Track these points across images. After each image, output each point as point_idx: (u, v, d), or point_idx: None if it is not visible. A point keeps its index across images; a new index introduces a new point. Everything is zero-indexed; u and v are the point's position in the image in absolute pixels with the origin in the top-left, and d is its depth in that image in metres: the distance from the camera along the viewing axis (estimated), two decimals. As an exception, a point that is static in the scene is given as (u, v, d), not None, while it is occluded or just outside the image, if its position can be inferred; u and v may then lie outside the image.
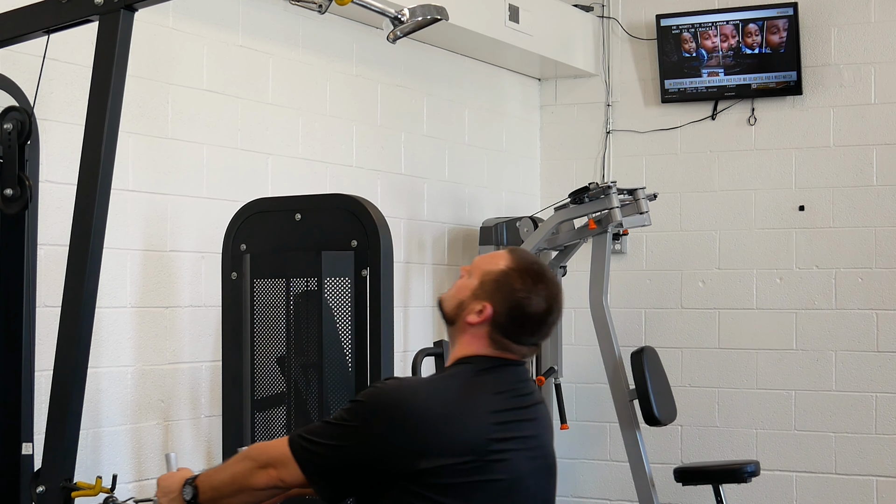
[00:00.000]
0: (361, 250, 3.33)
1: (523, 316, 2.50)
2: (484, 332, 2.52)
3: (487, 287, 2.51)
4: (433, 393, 2.46)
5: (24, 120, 3.09)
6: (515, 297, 2.50)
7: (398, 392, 2.45)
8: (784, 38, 5.66)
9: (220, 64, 4.40)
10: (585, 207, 5.10)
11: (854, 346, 5.65)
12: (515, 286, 2.50)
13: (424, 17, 3.06)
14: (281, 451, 2.47)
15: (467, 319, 2.52)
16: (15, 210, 3.12)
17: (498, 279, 2.51)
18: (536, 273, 2.53)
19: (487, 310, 2.49)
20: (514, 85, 6.16)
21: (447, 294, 2.61)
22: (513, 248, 2.62)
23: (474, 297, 2.52)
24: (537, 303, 2.50)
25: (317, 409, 3.39)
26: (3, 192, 3.09)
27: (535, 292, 2.50)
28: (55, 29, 2.99)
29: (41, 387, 3.41)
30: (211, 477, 2.58)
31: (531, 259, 2.59)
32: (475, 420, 2.43)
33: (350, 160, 5.01)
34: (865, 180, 5.64)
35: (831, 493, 5.67)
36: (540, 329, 2.54)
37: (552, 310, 2.53)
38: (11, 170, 3.09)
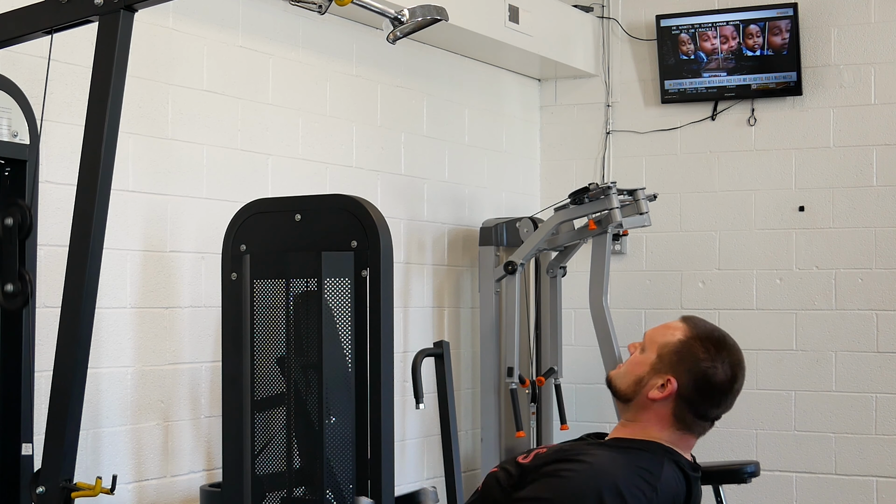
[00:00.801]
0: (361, 251, 3.33)
1: (709, 386, 2.40)
2: (668, 408, 2.41)
3: (668, 360, 2.41)
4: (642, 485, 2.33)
5: (24, 215, 3.09)
6: (700, 368, 2.40)
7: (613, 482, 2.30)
8: (787, 39, 5.66)
9: (220, 64, 4.40)
10: (585, 208, 5.11)
11: (854, 346, 5.65)
12: (699, 356, 2.40)
13: (424, 18, 3.06)
14: None
15: (649, 395, 2.40)
16: (16, 306, 3.11)
17: (679, 350, 2.41)
18: (718, 340, 2.45)
19: (672, 384, 2.39)
20: (514, 85, 6.16)
21: (620, 371, 2.48)
22: (687, 317, 2.50)
23: (655, 371, 2.41)
24: (723, 371, 2.42)
25: (317, 409, 3.39)
26: (4, 289, 3.09)
27: (719, 360, 2.43)
28: (55, 29, 2.99)
29: (41, 387, 3.41)
30: None
31: (710, 326, 2.49)
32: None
33: (350, 160, 5.01)
34: (865, 181, 5.64)
35: (831, 493, 5.66)
36: (726, 399, 2.44)
37: (737, 377, 2.45)
38: (12, 265, 3.08)
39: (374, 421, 3.26)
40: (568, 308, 5.89)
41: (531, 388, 5.46)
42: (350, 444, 3.30)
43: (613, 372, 2.49)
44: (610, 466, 2.35)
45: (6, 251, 3.08)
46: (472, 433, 5.75)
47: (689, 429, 2.43)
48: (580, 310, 5.80)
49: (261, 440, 3.51)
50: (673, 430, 2.41)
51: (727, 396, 2.44)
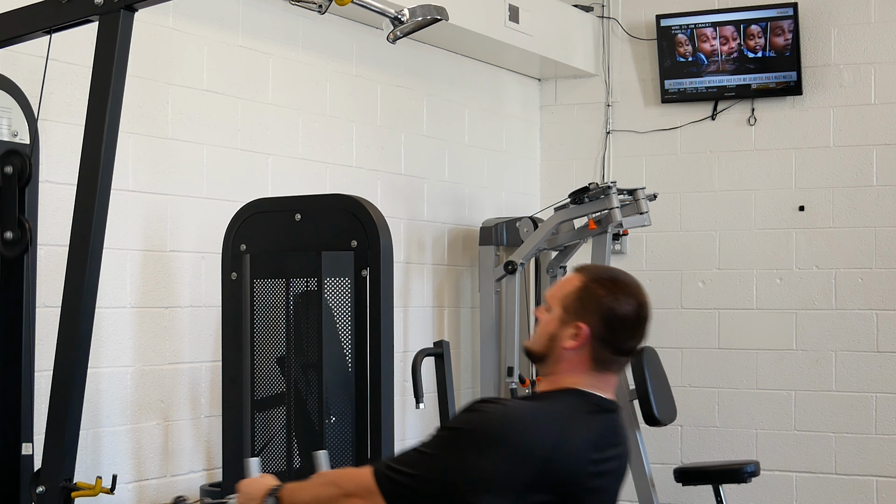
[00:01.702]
0: (361, 250, 3.33)
1: (618, 320, 2.44)
2: (585, 353, 2.44)
3: (573, 308, 2.45)
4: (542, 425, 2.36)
5: (24, 163, 3.09)
6: (604, 305, 2.43)
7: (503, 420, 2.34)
8: (790, 39, 5.66)
9: (220, 64, 4.40)
10: (585, 207, 5.10)
11: (854, 346, 5.65)
12: (599, 294, 2.44)
13: (424, 18, 3.06)
14: (366, 480, 2.38)
15: (564, 346, 2.44)
16: (15, 253, 3.12)
17: (580, 296, 2.45)
18: (613, 277, 2.49)
19: (583, 329, 2.42)
20: (514, 85, 6.16)
21: (533, 337, 2.53)
22: (579, 266, 2.55)
23: (563, 323, 2.45)
24: (626, 302, 2.45)
25: (317, 409, 3.39)
26: (3, 236, 3.09)
27: (620, 294, 2.45)
28: (55, 29, 2.99)
29: (41, 387, 3.41)
30: (294, 493, 2.52)
31: (602, 267, 2.55)
32: (577, 462, 2.37)
33: (350, 160, 5.01)
34: (865, 180, 5.64)
35: (831, 493, 5.67)
36: (637, 328, 2.48)
37: (642, 305, 2.48)
38: (11, 213, 3.08)
39: (374, 421, 3.27)
40: (568, 308, 5.87)
41: (531, 388, 5.46)
42: (350, 444, 3.30)
43: (528, 341, 2.57)
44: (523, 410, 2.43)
45: (6, 199, 3.09)
46: (472, 433, 5.74)
47: (607, 368, 2.49)
48: (580, 309, 5.80)
49: (261, 440, 3.51)
50: (591, 373, 2.47)
51: (638, 326, 2.49)
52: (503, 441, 2.31)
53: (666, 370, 5.28)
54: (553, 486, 2.32)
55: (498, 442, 2.31)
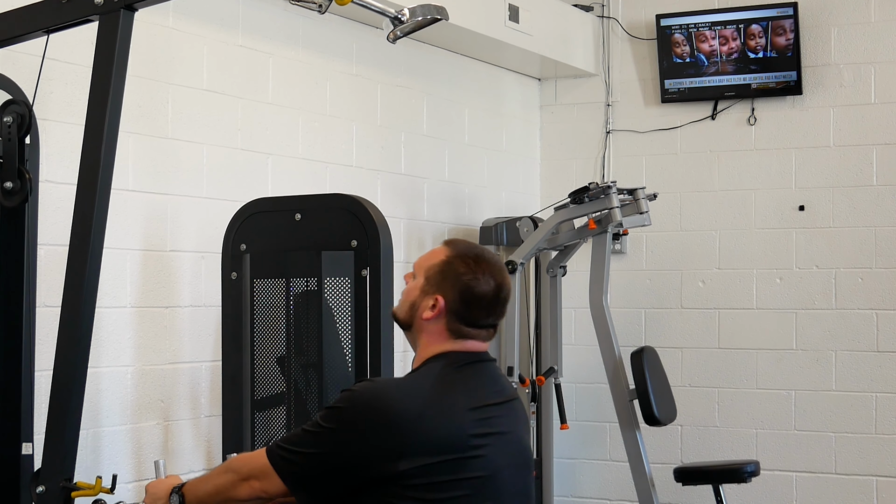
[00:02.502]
0: (361, 250, 3.33)
1: (474, 297, 2.55)
2: (441, 324, 2.56)
3: (434, 280, 2.57)
4: (409, 393, 2.47)
5: (24, 113, 3.09)
6: (462, 282, 2.55)
7: (373, 394, 2.46)
8: (791, 39, 5.65)
9: (220, 64, 4.40)
10: (585, 207, 5.10)
11: (854, 346, 5.65)
12: (460, 271, 2.55)
13: (424, 17, 3.06)
14: (261, 462, 2.49)
15: (423, 316, 2.57)
16: (15, 203, 3.12)
17: (442, 269, 2.57)
18: (477, 256, 2.59)
19: (440, 302, 2.54)
20: (514, 85, 6.16)
21: (398, 303, 2.66)
22: (448, 240, 2.67)
23: (424, 293, 2.58)
24: (485, 282, 2.55)
25: (317, 409, 3.39)
26: (3, 185, 3.10)
27: (479, 272, 2.55)
28: (55, 29, 2.99)
29: (41, 387, 3.41)
30: (196, 487, 2.62)
31: (469, 245, 2.64)
32: (452, 418, 2.46)
33: (350, 160, 5.01)
34: (865, 180, 5.64)
35: (831, 493, 5.67)
36: (494, 308, 2.58)
37: (501, 286, 2.58)
38: (11, 163, 3.09)
39: (374, 420, 3.26)
40: (568, 308, 5.89)
41: (531, 388, 5.46)
42: (350, 444, 3.30)
43: (395, 307, 2.70)
44: (389, 382, 2.59)
45: (6, 148, 3.10)
46: (472, 433, 5.74)
47: (466, 337, 2.58)
48: (580, 309, 5.80)
49: (261, 439, 3.51)
50: (452, 341, 2.57)
51: (494, 305, 2.59)
52: (371, 412, 2.41)
53: (666, 370, 5.28)
54: (429, 450, 2.41)
55: (367, 414, 2.42)
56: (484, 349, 2.62)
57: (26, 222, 3.28)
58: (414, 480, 2.40)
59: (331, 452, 2.42)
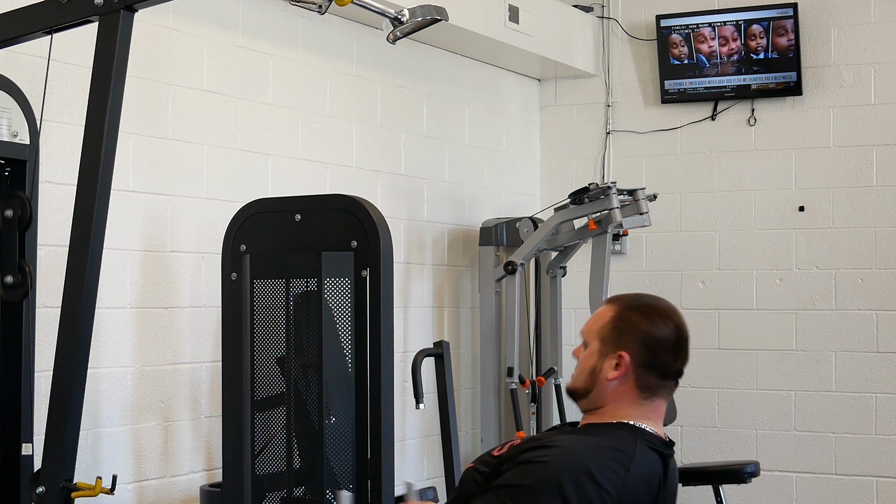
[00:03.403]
0: (361, 251, 3.33)
1: (659, 343, 2.43)
2: (629, 382, 2.43)
3: (610, 339, 2.44)
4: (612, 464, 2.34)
5: (25, 206, 3.09)
6: (642, 330, 2.43)
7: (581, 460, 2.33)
8: (792, 40, 5.65)
9: (220, 64, 4.40)
10: (585, 208, 5.10)
11: (854, 346, 5.65)
12: (636, 320, 2.43)
13: (424, 18, 3.06)
14: None
15: (608, 377, 2.43)
16: (16, 298, 3.11)
17: (616, 325, 2.44)
18: (648, 303, 2.48)
19: (625, 357, 2.41)
20: (513, 85, 6.16)
21: (573, 376, 2.51)
22: (611, 297, 2.54)
23: (603, 356, 2.44)
24: (664, 325, 2.44)
25: (317, 409, 3.39)
26: (4, 280, 3.08)
27: (657, 318, 2.45)
28: (55, 29, 2.99)
29: (41, 387, 3.41)
30: None
31: (633, 295, 2.53)
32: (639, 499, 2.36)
33: (350, 160, 5.01)
34: (865, 180, 5.64)
35: (831, 493, 5.66)
36: (679, 351, 2.47)
37: (680, 326, 2.47)
38: (12, 257, 3.08)
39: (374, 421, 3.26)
40: (568, 308, 5.89)
41: (531, 388, 5.46)
42: (350, 444, 3.30)
43: (569, 382, 2.53)
44: (582, 450, 2.39)
45: (6, 243, 3.09)
46: (472, 433, 5.75)
47: (655, 394, 2.45)
48: (580, 310, 5.80)
49: (261, 440, 3.51)
50: (640, 402, 2.44)
51: (680, 347, 2.48)
52: (574, 484, 2.28)
53: (666, 370, 5.27)
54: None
55: (568, 486, 2.28)
56: (663, 415, 2.49)
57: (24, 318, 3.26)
58: None
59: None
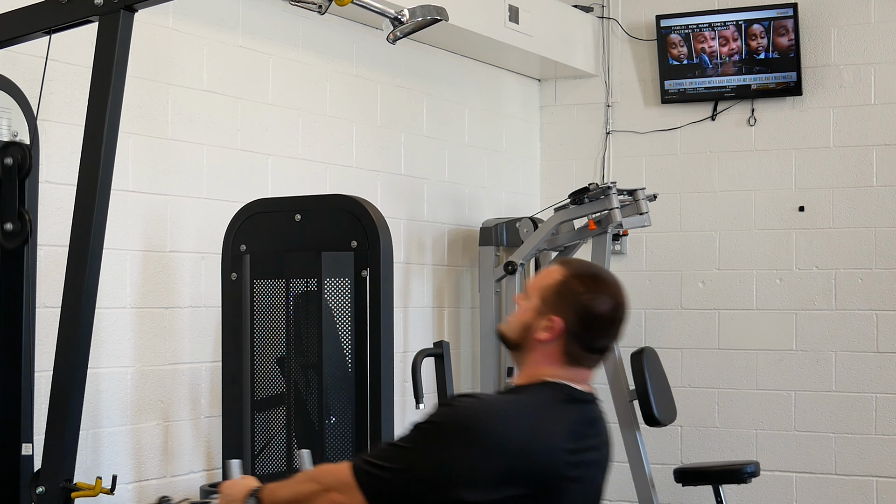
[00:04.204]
0: (361, 251, 3.33)
1: (593, 318, 2.45)
2: (557, 346, 2.45)
3: (550, 301, 2.46)
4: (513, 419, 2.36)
5: (24, 155, 3.09)
6: (581, 302, 2.44)
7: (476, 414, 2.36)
8: (793, 40, 5.65)
9: (220, 64, 4.40)
10: (585, 208, 5.11)
11: (854, 346, 5.65)
12: (578, 290, 2.45)
13: (424, 18, 3.06)
14: (344, 475, 2.39)
15: (538, 337, 2.46)
16: (15, 245, 3.11)
17: (559, 290, 2.46)
18: (595, 275, 2.50)
19: (557, 322, 2.44)
20: (513, 85, 6.16)
21: (508, 323, 2.54)
22: (563, 259, 2.57)
23: (539, 314, 2.46)
24: (604, 301, 2.46)
25: (317, 409, 3.39)
26: (3, 227, 3.09)
27: (598, 292, 2.46)
28: (55, 29, 2.99)
29: (41, 387, 3.41)
30: (274, 492, 2.54)
31: (585, 264, 2.56)
32: (552, 454, 2.37)
33: (350, 160, 5.01)
34: (865, 180, 5.64)
35: (831, 493, 5.66)
36: (611, 329, 2.49)
37: (619, 306, 2.49)
38: (11, 204, 3.08)
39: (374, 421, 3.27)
40: (568, 308, 5.88)
41: (531, 388, 5.45)
42: (350, 444, 3.30)
43: (502, 325, 2.58)
44: (496, 403, 2.48)
45: (6, 190, 3.09)
46: (472, 433, 5.74)
47: (579, 363, 2.48)
48: (580, 310, 5.80)
49: (261, 440, 3.51)
50: (565, 367, 2.47)
51: (612, 326, 2.49)
52: (476, 434, 2.32)
53: (666, 370, 5.28)
54: (528, 479, 2.33)
55: (471, 435, 2.32)
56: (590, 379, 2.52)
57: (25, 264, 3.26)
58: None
59: (420, 471, 2.33)
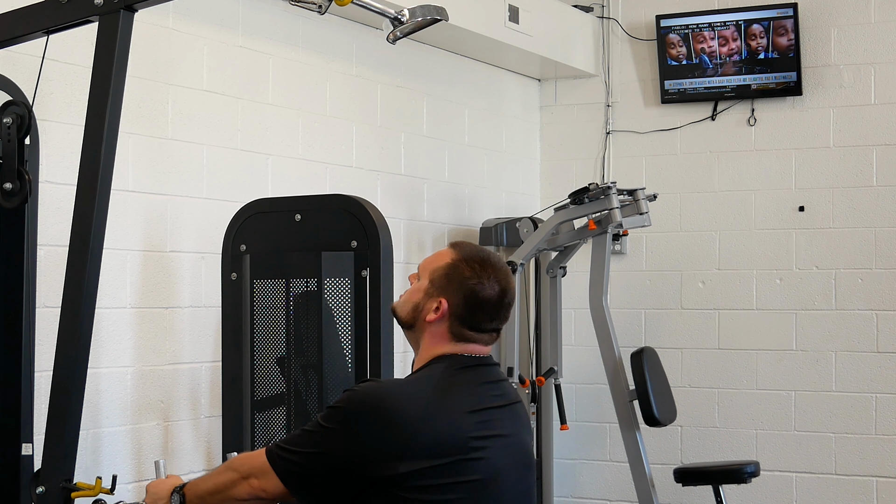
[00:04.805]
0: (361, 251, 3.33)
1: (478, 301, 2.55)
2: (444, 327, 2.56)
3: (438, 283, 2.56)
4: (410, 394, 2.47)
5: (24, 114, 3.09)
6: (467, 286, 2.54)
7: (376, 395, 2.46)
8: (792, 40, 5.65)
9: (220, 64, 4.40)
10: (585, 208, 5.10)
11: (854, 346, 5.65)
12: (465, 275, 2.55)
13: (424, 18, 3.06)
14: (260, 461, 2.49)
15: (426, 318, 2.56)
16: (14, 204, 3.12)
17: (447, 273, 2.56)
18: (483, 260, 2.59)
19: (444, 304, 2.54)
20: (513, 85, 6.16)
21: (399, 301, 2.65)
22: (455, 242, 2.66)
23: (428, 295, 2.57)
24: (489, 286, 2.55)
25: (317, 409, 3.39)
26: (3, 187, 3.10)
27: (484, 277, 2.55)
28: (55, 29, 2.99)
29: (41, 387, 3.41)
30: (197, 486, 2.62)
31: (475, 248, 2.64)
32: (453, 421, 2.45)
33: (350, 160, 5.01)
34: (865, 180, 5.64)
35: (831, 493, 5.66)
36: (497, 313, 2.58)
37: (505, 291, 2.58)
38: (11, 164, 3.09)
39: (374, 421, 3.26)
40: (568, 308, 5.89)
41: (531, 388, 5.46)
42: (350, 444, 3.30)
43: (395, 303, 2.68)
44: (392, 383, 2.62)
45: (6, 150, 3.10)
46: (472, 433, 5.74)
47: (467, 340, 2.58)
48: (580, 310, 5.80)
49: (261, 440, 3.51)
50: (455, 343, 2.57)
51: (498, 310, 2.59)
52: (372, 413, 2.41)
53: (666, 370, 5.28)
54: (436, 450, 2.41)
55: (368, 415, 2.41)
56: (486, 352, 2.62)
57: (26, 223, 3.28)
58: (413, 482, 2.39)
59: (329, 453, 2.42)
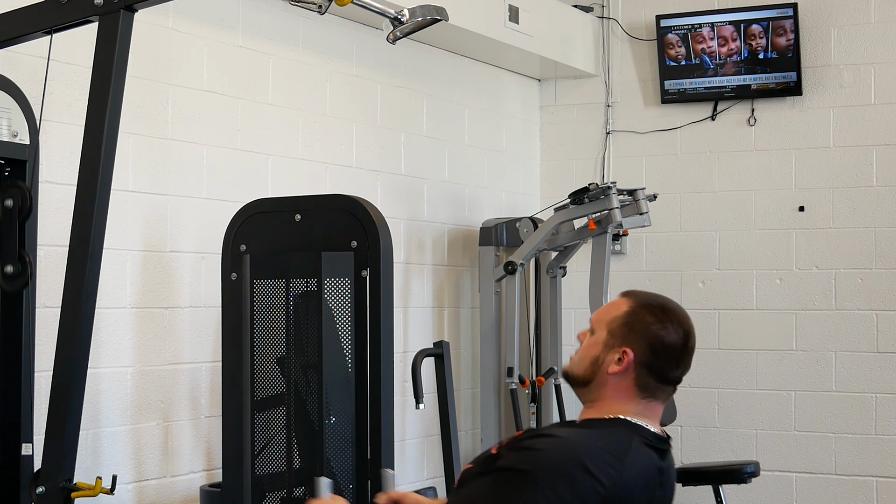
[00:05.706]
0: (361, 251, 3.33)
1: (665, 348, 2.41)
2: (629, 379, 2.43)
3: (619, 333, 2.43)
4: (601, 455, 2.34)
5: (24, 196, 3.09)
6: (651, 332, 2.41)
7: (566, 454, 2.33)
8: (791, 40, 5.65)
9: (220, 64, 4.40)
10: (585, 208, 5.11)
11: (854, 346, 5.65)
12: (647, 321, 2.42)
13: (424, 18, 3.06)
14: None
15: (608, 371, 2.43)
16: (16, 288, 3.10)
17: (627, 321, 2.43)
18: (662, 305, 2.46)
19: (628, 354, 2.41)
20: (513, 85, 6.16)
21: (573, 360, 2.51)
22: (627, 291, 2.54)
23: (608, 347, 2.44)
24: (674, 331, 2.43)
25: (316, 409, 3.39)
26: (4, 270, 3.08)
27: (668, 322, 2.43)
28: (55, 29, 2.99)
29: (41, 387, 3.41)
30: None
31: (650, 294, 2.52)
32: (633, 494, 2.35)
33: (350, 160, 5.01)
34: (865, 180, 5.64)
35: (831, 493, 5.67)
36: (683, 358, 2.45)
37: (689, 335, 2.45)
38: (12, 247, 3.08)
39: (374, 421, 3.26)
40: (568, 308, 5.89)
41: (531, 388, 5.47)
42: (350, 444, 3.30)
43: (567, 365, 2.54)
44: (578, 442, 2.41)
45: (6, 233, 3.09)
46: (472, 433, 5.75)
47: (653, 395, 2.45)
48: (580, 310, 5.80)
49: (261, 440, 3.51)
50: (638, 401, 2.44)
51: (684, 355, 2.45)
52: (568, 476, 2.28)
53: (666, 370, 5.28)
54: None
55: (566, 477, 2.28)
56: (660, 416, 2.48)
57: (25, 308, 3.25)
58: None
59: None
